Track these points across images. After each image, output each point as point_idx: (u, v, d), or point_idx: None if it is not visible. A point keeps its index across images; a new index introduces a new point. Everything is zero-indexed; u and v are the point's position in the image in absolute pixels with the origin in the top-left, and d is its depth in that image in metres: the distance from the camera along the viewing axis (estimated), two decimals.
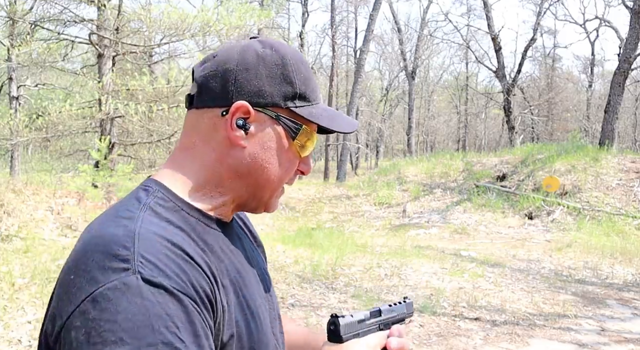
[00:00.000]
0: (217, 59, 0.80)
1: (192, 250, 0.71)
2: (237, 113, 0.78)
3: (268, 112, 0.79)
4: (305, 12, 27.41)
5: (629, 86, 25.79)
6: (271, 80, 0.79)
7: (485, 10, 22.24)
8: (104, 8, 9.52)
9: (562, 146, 14.23)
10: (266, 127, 0.80)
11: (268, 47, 0.81)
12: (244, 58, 0.79)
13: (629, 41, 14.65)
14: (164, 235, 0.69)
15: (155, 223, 0.71)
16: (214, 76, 0.79)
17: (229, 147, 0.79)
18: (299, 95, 0.81)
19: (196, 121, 0.80)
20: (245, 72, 0.78)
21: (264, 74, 0.79)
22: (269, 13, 9.69)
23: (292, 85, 0.80)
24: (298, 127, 0.81)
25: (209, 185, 0.80)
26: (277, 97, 0.79)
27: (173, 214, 0.75)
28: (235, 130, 0.78)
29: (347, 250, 7.20)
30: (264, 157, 0.80)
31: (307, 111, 0.81)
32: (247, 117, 0.78)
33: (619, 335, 4.48)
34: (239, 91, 0.78)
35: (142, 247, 0.66)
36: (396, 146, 41.62)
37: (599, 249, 7.77)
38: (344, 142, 19.32)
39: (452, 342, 4.24)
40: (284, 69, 0.80)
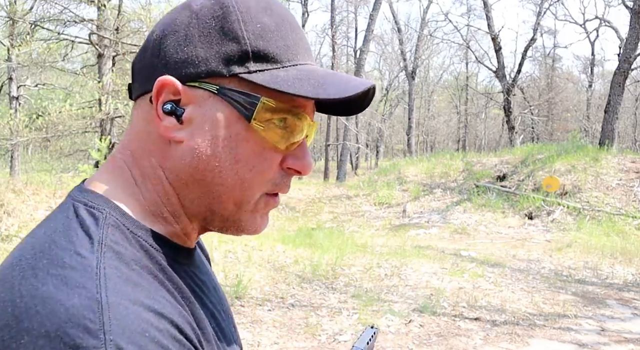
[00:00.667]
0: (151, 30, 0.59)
1: (177, 314, 0.50)
2: (161, 94, 0.55)
3: (206, 85, 0.55)
4: (305, 12, 27.42)
5: (629, 86, 25.79)
6: (206, 39, 0.55)
7: (485, 10, 22.25)
8: (104, 8, 9.52)
9: (562, 146, 14.23)
10: (207, 108, 0.55)
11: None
12: (173, 19, 0.57)
13: (629, 41, 14.65)
14: (141, 300, 0.47)
15: (124, 276, 0.48)
16: (142, 52, 0.58)
17: (162, 144, 0.56)
18: (253, 54, 0.55)
19: (134, 114, 0.60)
20: (172, 36, 0.55)
21: (195, 34, 0.55)
22: None
23: (236, 41, 0.54)
24: (253, 100, 0.55)
25: (157, 202, 0.57)
26: (214, 62, 0.54)
27: (134, 248, 0.52)
28: (163, 119, 0.55)
29: (347, 250, 7.20)
30: (210, 152, 0.55)
31: (268, 76, 0.55)
32: (178, 99, 0.55)
33: (619, 335, 4.48)
34: (165, 65, 0.55)
35: (116, 329, 0.44)
36: (396, 146, 41.64)
37: (599, 249, 7.77)
38: (344, 142, 19.33)
39: (452, 342, 4.24)
40: (225, 20, 0.55)
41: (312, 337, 4.25)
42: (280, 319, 4.62)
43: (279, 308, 4.88)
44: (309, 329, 4.41)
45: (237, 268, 5.73)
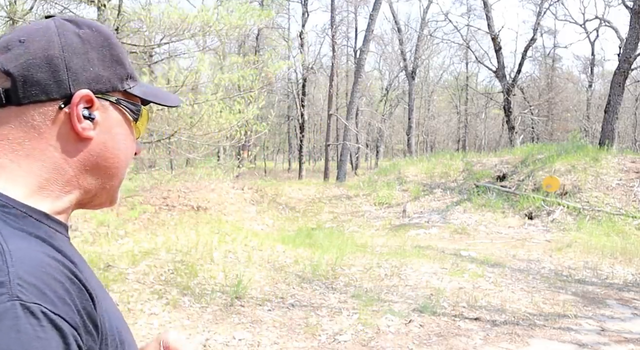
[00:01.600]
0: (29, 45, 0.70)
1: (69, 263, 0.62)
2: (80, 103, 0.71)
3: (109, 97, 0.75)
4: (305, 12, 27.41)
5: (629, 86, 25.79)
6: (104, 63, 0.74)
7: (485, 10, 22.24)
8: (104, 8, 9.51)
9: (562, 146, 14.23)
10: (110, 113, 0.75)
11: (86, 28, 0.75)
12: (67, 42, 0.72)
13: (629, 41, 14.65)
14: (38, 248, 0.61)
15: (19, 235, 0.61)
16: (36, 66, 0.69)
17: (75, 141, 0.72)
18: (129, 75, 0.78)
19: (17, 118, 0.69)
20: (77, 58, 0.72)
21: (95, 57, 0.73)
22: (269, 13, 9.67)
23: (123, 66, 0.77)
24: (138, 108, 0.80)
25: (52, 185, 0.71)
26: (114, 81, 0.75)
27: (24, 222, 0.64)
28: (81, 122, 0.71)
29: (347, 250, 7.20)
30: (113, 144, 0.76)
31: (139, 90, 0.79)
32: (91, 106, 0.72)
33: (619, 335, 4.48)
34: (74, 79, 0.71)
35: (18, 266, 0.56)
36: (396, 146, 41.63)
37: (599, 249, 7.77)
38: (344, 142, 19.32)
39: (452, 342, 4.24)
40: (112, 50, 0.76)
41: (312, 337, 4.26)
42: (280, 319, 4.62)
43: (279, 308, 4.88)
44: (309, 329, 4.41)
45: (237, 268, 5.73)
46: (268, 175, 25.52)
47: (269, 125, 8.55)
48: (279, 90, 31.19)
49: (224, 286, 5.25)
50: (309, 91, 29.57)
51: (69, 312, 0.57)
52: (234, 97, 7.57)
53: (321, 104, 34.91)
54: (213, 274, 5.55)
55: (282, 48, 26.66)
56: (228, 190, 12.20)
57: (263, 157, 36.81)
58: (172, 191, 11.11)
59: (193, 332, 4.21)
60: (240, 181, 13.99)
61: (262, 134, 11.14)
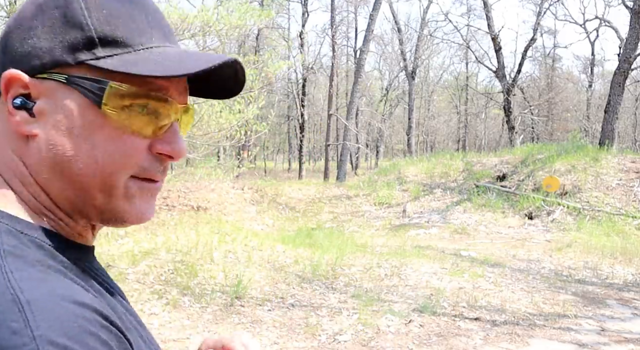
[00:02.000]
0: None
1: (97, 303, 0.49)
2: (10, 89, 0.54)
3: (54, 76, 0.54)
4: (305, 12, 27.43)
5: (629, 86, 25.79)
6: (49, 30, 0.54)
7: (485, 10, 22.24)
8: None
9: (562, 146, 14.23)
10: (57, 98, 0.54)
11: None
12: (21, 13, 0.56)
13: (629, 41, 14.65)
14: (60, 292, 0.46)
15: (34, 276, 0.47)
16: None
17: (22, 141, 0.55)
18: (99, 40, 0.54)
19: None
20: (18, 30, 0.55)
21: (38, 25, 0.55)
22: (269, 13, 9.67)
23: (80, 29, 0.54)
24: (101, 86, 0.54)
25: (33, 200, 0.56)
26: (58, 51, 0.54)
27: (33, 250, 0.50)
28: (14, 114, 0.54)
29: (347, 250, 7.20)
30: (65, 142, 0.54)
31: (117, 61, 0.54)
32: (28, 93, 0.54)
33: (619, 335, 4.48)
34: (11, 60, 0.55)
35: (43, 323, 0.42)
36: (396, 146, 41.64)
37: (599, 249, 7.77)
38: (344, 142, 19.32)
39: (452, 342, 4.24)
40: (67, 9, 0.55)
41: (312, 337, 4.26)
42: (280, 319, 4.62)
43: (279, 308, 4.88)
44: (309, 329, 4.41)
45: (237, 268, 5.73)
46: (268, 175, 25.54)
47: (269, 125, 8.55)
48: (279, 90, 31.21)
49: (224, 286, 5.25)
50: (309, 91, 29.59)
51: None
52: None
53: (321, 104, 34.93)
54: (213, 274, 5.55)
55: (282, 48, 26.68)
56: (228, 190, 12.20)
57: (263, 157, 36.83)
58: (172, 191, 11.11)
59: (193, 332, 4.21)
60: (240, 181, 13.99)
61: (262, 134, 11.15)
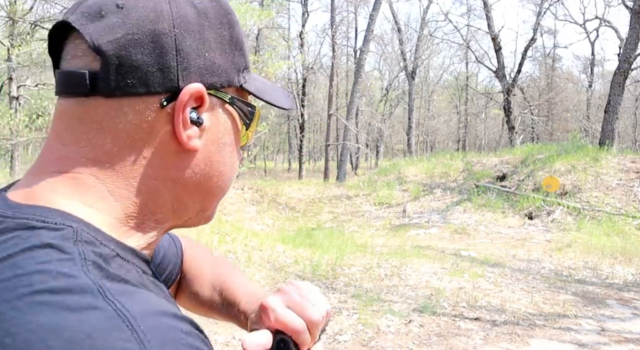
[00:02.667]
0: (130, 12, 0.50)
1: (182, 313, 0.48)
2: (189, 102, 0.52)
3: (222, 94, 0.55)
4: (305, 12, 27.43)
5: (629, 86, 25.79)
6: (222, 47, 0.54)
7: (485, 10, 22.25)
8: None
9: (562, 146, 14.23)
10: (219, 115, 0.55)
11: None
12: (179, 13, 0.51)
13: (629, 41, 14.65)
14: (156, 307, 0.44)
15: (122, 289, 0.43)
16: (138, 43, 0.49)
17: (175, 154, 0.53)
18: (247, 66, 0.58)
19: (105, 116, 0.50)
20: (190, 37, 0.51)
21: (212, 38, 0.53)
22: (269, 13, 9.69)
23: (242, 53, 0.56)
24: (252, 110, 0.59)
25: (142, 213, 0.53)
26: (231, 73, 0.55)
27: (113, 262, 0.47)
28: (188, 128, 0.52)
29: (347, 250, 7.20)
30: (219, 158, 0.56)
31: (254, 87, 0.58)
32: (199, 106, 0.53)
33: (619, 335, 4.48)
34: (185, 68, 0.51)
35: (156, 344, 0.40)
36: (396, 146, 41.64)
37: (599, 249, 7.77)
38: (344, 142, 19.32)
39: (452, 342, 4.24)
40: (233, 30, 0.55)
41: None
42: None
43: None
44: None
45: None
46: (268, 175, 25.54)
47: (269, 125, 8.55)
48: None
49: None
50: (309, 91, 29.60)
51: None
52: None
53: (321, 104, 34.93)
54: None
55: (282, 48, 26.67)
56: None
57: (263, 157, 36.82)
58: None
59: None
60: (240, 181, 13.99)
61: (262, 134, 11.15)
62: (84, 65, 0.50)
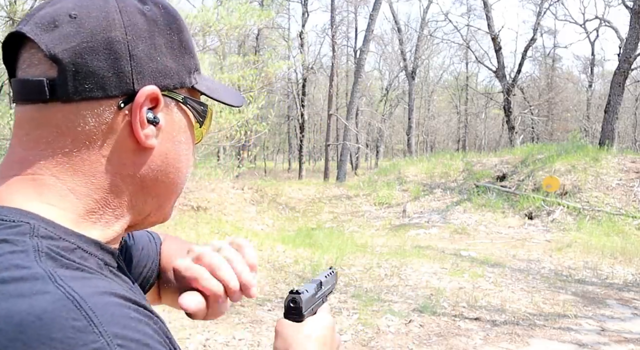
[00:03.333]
0: (83, 22, 0.53)
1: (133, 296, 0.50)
2: (145, 103, 0.55)
3: (175, 95, 0.59)
4: (305, 12, 27.43)
5: (629, 86, 25.79)
6: (172, 51, 0.58)
7: (485, 10, 22.24)
8: None
9: (562, 146, 14.23)
10: (173, 115, 0.60)
11: (151, 3, 0.58)
12: (130, 21, 0.55)
13: (629, 41, 14.65)
14: (105, 289, 0.47)
15: (74, 275, 0.47)
16: (92, 51, 0.53)
17: (133, 152, 0.57)
18: (197, 67, 0.62)
19: (64, 120, 0.53)
20: (142, 43, 0.55)
21: (162, 43, 0.57)
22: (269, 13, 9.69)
23: (192, 55, 0.61)
24: (205, 109, 0.63)
25: (104, 208, 0.56)
26: (183, 74, 0.59)
27: (69, 254, 0.50)
28: (145, 127, 0.56)
29: (347, 250, 7.20)
30: (175, 155, 0.60)
31: (205, 86, 0.63)
32: (155, 106, 0.57)
33: (619, 335, 4.48)
34: (140, 72, 0.55)
35: (102, 318, 0.43)
36: (396, 146, 41.63)
37: (599, 249, 7.77)
38: (344, 142, 19.32)
39: (452, 342, 4.24)
40: (181, 34, 0.60)
41: None
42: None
43: (279, 308, 4.87)
44: None
45: None
46: (268, 175, 25.53)
47: (269, 125, 8.55)
48: (279, 90, 31.20)
49: None
50: (309, 91, 29.60)
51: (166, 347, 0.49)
52: None
53: (321, 104, 34.93)
54: None
55: (282, 48, 26.70)
56: (228, 190, 12.20)
57: (263, 157, 36.83)
58: None
59: (193, 332, 4.21)
60: (240, 181, 13.99)
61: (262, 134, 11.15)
62: (41, 73, 0.53)
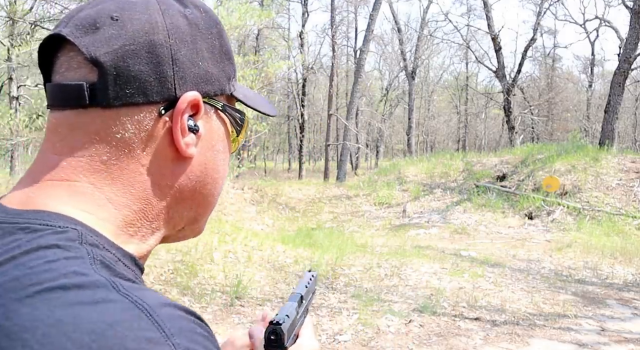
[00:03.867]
0: (126, 24, 0.51)
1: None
2: (186, 110, 0.53)
3: (215, 102, 0.57)
4: (305, 12, 27.43)
5: (629, 86, 25.79)
6: (213, 56, 0.56)
7: (485, 10, 22.25)
8: None
9: (562, 146, 14.24)
10: (212, 123, 0.57)
11: (192, 7, 0.56)
12: (173, 24, 0.53)
13: (629, 41, 14.65)
14: (165, 301, 0.44)
15: (132, 285, 0.44)
16: (135, 54, 0.51)
17: (172, 161, 0.54)
18: (235, 74, 0.60)
19: (104, 126, 0.51)
20: (184, 47, 0.53)
21: (204, 48, 0.55)
22: (269, 13, 9.69)
23: (231, 62, 0.59)
24: (242, 117, 0.61)
25: (141, 221, 0.53)
26: (223, 81, 0.57)
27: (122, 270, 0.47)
28: (186, 135, 0.53)
29: (347, 250, 7.20)
30: (214, 165, 0.58)
31: (241, 93, 0.61)
32: (195, 113, 0.54)
33: (619, 335, 4.48)
34: (182, 77, 0.53)
35: (173, 330, 0.41)
36: (396, 146, 41.63)
37: (599, 249, 7.77)
38: (344, 142, 19.32)
39: (452, 342, 4.24)
40: (222, 39, 0.58)
41: None
42: None
43: (278, 308, 4.87)
44: None
45: (237, 268, 5.73)
46: (268, 175, 25.53)
47: (269, 125, 8.55)
48: (279, 90, 31.20)
49: (224, 286, 5.26)
50: (309, 91, 29.60)
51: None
52: None
53: (321, 104, 34.93)
54: (213, 274, 5.55)
55: (282, 48, 26.69)
56: (228, 190, 12.20)
57: (263, 157, 36.82)
58: None
59: None
60: (240, 181, 13.99)
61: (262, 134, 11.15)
62: (81, 77, 0.51)
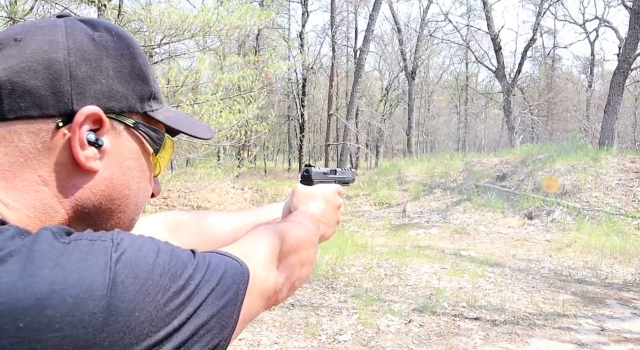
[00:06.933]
0: (26, 44, 0.55)
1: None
2: (85, 123, 0.55)
3: (124, 119, 0.59)
4: (305, 12, 27.43)
5: (629, 86, 25.78)
6: (121, 75, 0.58)
7: (485, 10, 22.25)
8: (104, 8, 9.52)
9: (562, 146, 14.24)
10: (123, 139, 0.59)
11: (104, 31, 0.59)
12: (75, 44, 0.56)
13: (629, 41, 14.65)
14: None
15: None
16: (30, 70, 0.53)
17: (73, 173, 0.55)
18: (153, 95, 0.62)
19: (2, 138, 0.54)
20: (85, 65, 0.56)
21: (110, 67, 0.58)
22: (269, 13, 9.66)
23: (147, 83, 0.61)
24: (160, 136, 0.63)
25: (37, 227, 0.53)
26: (132, 99, 0.59)
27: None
28: (85, 148, 0.55)
29: (347, 250, 7.20)
30: (123, 181, 0.59)
31: (164, 116, 0.64)
32: (98, 128, 0.56)
33: (618, 335, 4.49)
34: (80, 92, 0.55)
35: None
36: (396, 146, 41.60)
37: (598, 249, 7.77)
38: (344, 142, 19.33)
39: (452, 342, 4.24)
40: (135, 61, 0.60)
41: (312, 337, 4.26)
42: (280, 318, 4.62)
43: (279, 308, 4.88)
44: (309, 328, 4.41)
45: None
46: (268, 175, 25.51)
47: (269, 125, 8.56)
48: (279, 90, 31.18)
49: None
50: (309, 91, 29.60)
51: None
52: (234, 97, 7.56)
53: (321, 104, 34.93)
54: None
55: (282, 48, 26.67)
56: (228, 190, 12.20)
57: (263, 157, 36.81)
58: (172, 191, 11.11)
59: None
60: (240, 181, 13.99)
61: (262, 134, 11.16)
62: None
